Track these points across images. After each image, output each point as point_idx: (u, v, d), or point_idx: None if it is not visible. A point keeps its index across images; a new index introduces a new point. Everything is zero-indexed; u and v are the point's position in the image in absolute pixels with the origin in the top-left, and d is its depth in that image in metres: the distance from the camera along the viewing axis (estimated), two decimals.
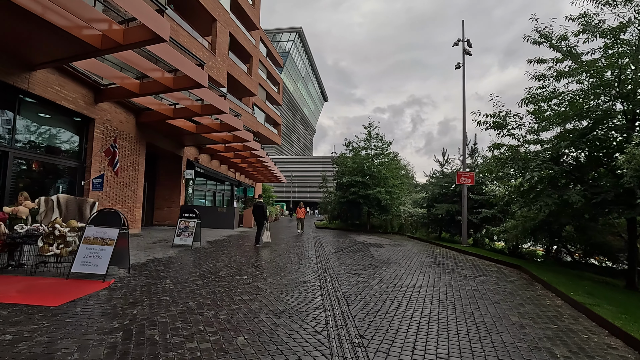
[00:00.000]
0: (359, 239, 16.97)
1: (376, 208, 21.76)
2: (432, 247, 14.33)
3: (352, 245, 13.63)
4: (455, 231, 15.60)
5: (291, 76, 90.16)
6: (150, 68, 9.62)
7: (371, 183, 21.92)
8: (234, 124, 14.63)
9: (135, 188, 13.84)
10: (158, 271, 6.67)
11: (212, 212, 18.78)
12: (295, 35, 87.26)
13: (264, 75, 39.33)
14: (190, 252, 9.45)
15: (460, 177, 13.92)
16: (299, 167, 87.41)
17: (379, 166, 22.57)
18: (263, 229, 11.85)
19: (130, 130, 13.31)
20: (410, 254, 11.38)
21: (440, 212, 15.31)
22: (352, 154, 23.67)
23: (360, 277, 7.10)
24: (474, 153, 16.07)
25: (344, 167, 23.95)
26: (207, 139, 17.21)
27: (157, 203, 18.59)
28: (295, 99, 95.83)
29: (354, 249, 12.34)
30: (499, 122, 8.98)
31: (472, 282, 7.14)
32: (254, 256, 9.41)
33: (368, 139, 23.57)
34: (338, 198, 23.19)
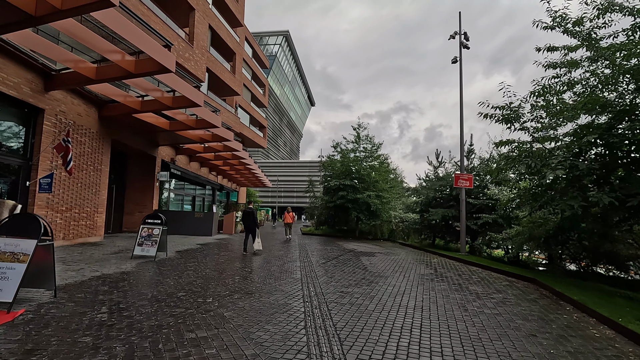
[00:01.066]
0: (348, 246, 15.70)
1: (365, 213, 20.57)
2: (428, 255, 13.17)
3: (341, 254, 12.34)
4: (451, 238, 14.54)
5: (278, 80, 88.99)
6: (109, 49, 8.20)
7: (360, 187, 20.75)
8: (212, 120, 13.24)
9: (97, 190, 12.25)
10: (97, 293, 5.23)
11: (187, 218, 17.23)
12: (283, 39, 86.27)
13: (249, 76, 38.01)
14: (152, 265, 7.99)
15: (458, 180, 12.85)
16: (286, 172, 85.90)
17: (368, 169, 21.45)
18: (255, 236, 11.34)
19: (91, 124, 11.76)
20: (406, 265, 10.16)
21: (435, 218, 14.20)
22: (340, 156, 22.47)
23: (353, 297, 5.81)
24: (470, 155, 15.08)
25: (331, 170, 22.72)
26: (183, 138, 15.73)
27: (128, 207, 16.93)
28: (282, 103, 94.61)
29: (344, 258, 11.05)
30: (509, 115, 7.89)
31: (489, 302, 5.94)
32: (228, 269, 8.02)
33: (357, 141, 22.44)
34: (325, 203, 21.93)
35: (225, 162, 23.48)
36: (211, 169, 25.71)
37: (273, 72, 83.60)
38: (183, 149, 19.53)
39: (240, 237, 17.78)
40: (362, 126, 22.37)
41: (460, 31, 13.46)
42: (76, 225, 11.24)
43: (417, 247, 16.10)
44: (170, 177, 19.20)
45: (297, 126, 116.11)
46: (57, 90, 10.14)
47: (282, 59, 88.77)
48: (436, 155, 16.80)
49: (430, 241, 16.45)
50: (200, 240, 14.78)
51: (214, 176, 26.80)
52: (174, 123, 13.95)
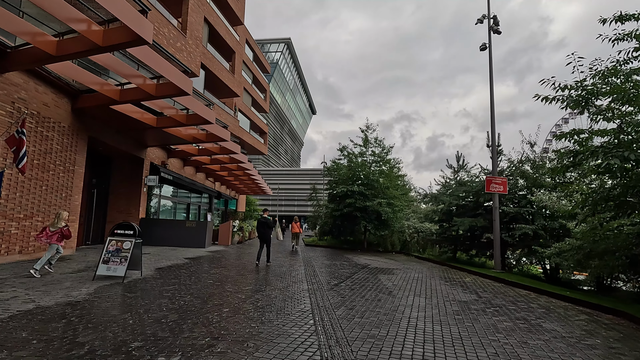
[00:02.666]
0: (359, 260, 13.82)
1: (375, 223, 18.70)
2: (456, 273, 11.29)
3: (354, 271, 10.48)
4: (478, 251, 12.64)
5: (279, 88, 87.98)
6: (74, 17, 6.50)
7: (369, 194, 18.92)
8: (205, 114, 11.50)
9: (68, 195, 10.45)
10: (4, 340, 3.39)
11: (178, 228, 15.38)
12: (284, 47, 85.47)
13: (250, 80, 36.57)
14: (117, 289, 6.14)
15: (491, 184, 11.06)
16: (287, 180, 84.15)
17: (377, 174, 19.64)
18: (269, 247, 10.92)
19: (61, 117, 10.02)
20: (438, 287, 8.29)
21: (460, 228, 12.34)
22: (347, 160, 20.68)
23: (395, 348, 3.96)
24: (499, 156, 13.28)
25: (337, 175, 20.93)
26: (175, 138, 13.97)
27: (111, 215, 15.10)
28: (283, 111, 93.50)
29: (359, 278, 9.17)
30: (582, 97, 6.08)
31: (593, 356, 4.08)
32: (216, 295, 6.16)
33: (365, 144, 20.67)
34: (331, 211, 20.07)
35: (223, 166, 21.72)
36: (208, 175, 23.94)
37: (274, 80, 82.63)
38: (175, 152, 17.80)
39: (237, 248, 15.89)
40: (370, 128, 20.65)
41: (489, 14, 11.81)
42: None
43: (438, 261, 14.20)
44: (161, 182, 17.43)
45: (299, 134, 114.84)
46: (16, 73, 8.44)
47: (284, 66, 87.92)
48: (457, 158, 15.02)
49: (451, 254, 14.58)
50: (190, 253, 12.91)
51: (211, 182, 25.02)
52: (162, 119, 12.23)
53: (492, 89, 11.66)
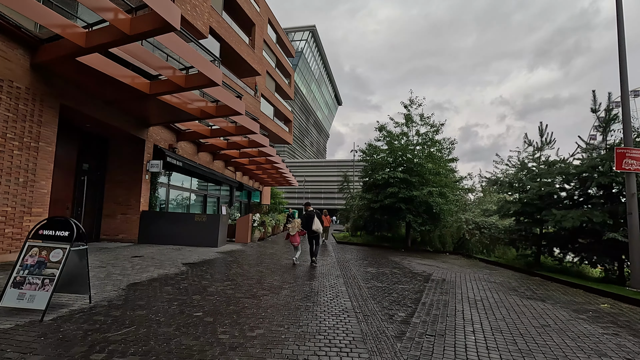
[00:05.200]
0: (411, 265, 10.59)
1: (424, 216, 15.32)
2: (570, 292, 7.88)
3: (417, 287, 7.31)
4: (596, 257, 8.93)
5: (304, 77, 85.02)
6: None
7: (416, 181, 15.54)
8: (212, 74, 8.59)
9: (30, 180, 7.89)
10: None
11: (185, 223, 12.72)
12: (309, 35, 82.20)
13: (273, 63, 33.77)
14: (18, 340, 3.30)
15: (624, 159, 7.51)
16: (313, 172, 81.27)
17: (423, 158, 16.19)
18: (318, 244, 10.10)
19: (12, 75, 7.41)
20: (583, 329, 4.98)
21: (564, 225, 8.75)
22: (386, 141, 17.29)
23: None
24: (610, 124, 9.52)
25: (374, 161, 17.63)
26: (178, 111, 11.24)
27: (108, 208, 12.67)
28: (309, 102, 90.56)
29: (433, 303, 6.01)
30: None
31: None
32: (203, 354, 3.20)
33: (407, 123, 17.19)
34: (368, 203, 16.84)
35: (243, 152, 19.02)
36: (227, 164, 21.35)
37: (299, 69, 79.74)
38: (186, 134, 15.16)
39: (257, 248, 13.05)
40: (414, 102, 17.11)
41: None
42: None
43: (520, 269, 10.71)
44: (168, 169, 14.87)
45: (324, 126, 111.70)
46: None
47: (309, 55, 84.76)
48: (540, 131, 11.33)
49: (533, 259, 11.04)
50: (196, 255, 10.16)
51: (231, 172, 22.43)
52: (157, 84, 9.47)
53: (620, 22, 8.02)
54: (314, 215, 10.20)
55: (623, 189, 8.80)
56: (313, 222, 10.09)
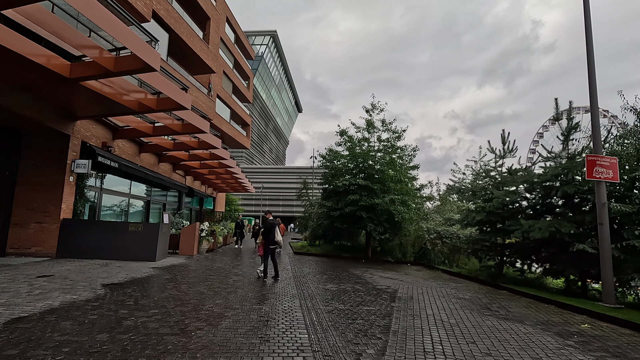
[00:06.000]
0: (374, 279, 9.74)
1: (385, 225, 14.66)
2: (539, 306, 7.38)
3: (384, 310, 6.41)
4: (562, 268, 8.60)
5: (264, 82, 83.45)
6: None
7: (378, 188, 14.89)
8: (176, 96, 7.21)
9: None
10: None
11: (117, 233, 10.94)
12: (270, 40, 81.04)
13: (231, 64, 32.24)
14: None
15: (594, 167, 7.19)
16: (272, 178, 79.30)
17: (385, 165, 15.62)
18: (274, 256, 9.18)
19: None
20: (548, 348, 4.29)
21: (533, 235, 8.34)
22: (348, 146, 16.53)
23: None
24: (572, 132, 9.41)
25: (335, 167, 16.79)
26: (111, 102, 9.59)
27: (18, 215, 10.56)
28: (268, 107, 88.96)
29: (408, 328, 5.11)
30: None
31: None
32: None
33: (369, 128, 16.57)
34: (327, 211, 15.90)
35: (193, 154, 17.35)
36: (175, 167, 19.48)
37: (259, 74, 78.13)
38: (124, 131, 13.34)
39: (203, 261, 11.54)
40: (376, 107, 16.56)
41: None
42: None
43: (486, 282, 10.26)
44: (101, 170, 12.94)
45: (284, 132, 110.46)
46: None
47: (269, 60, 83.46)
48: (502, 139, 11.11)
49: (496, 270, 10.68)
50: (123, 273, 8.53)
51: (179, 176, 20.53)
52: (79, 66, 7.87)
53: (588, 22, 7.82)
54: (276, 225, 9.25)
55: (588, 198, 8.63)
56: (275, 232, 9.12)
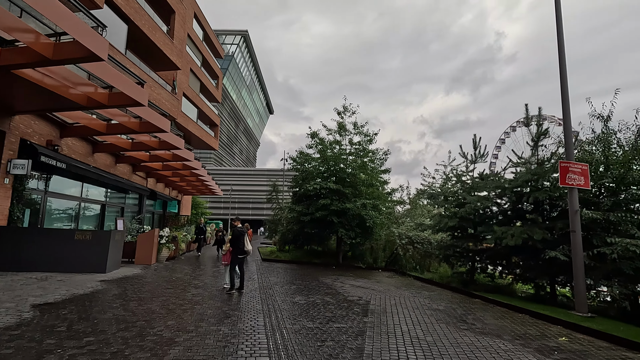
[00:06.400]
0: (345, 289, 9.27)
1: (357, 230, 14.29)
2: (514, 316, 7.18)
3: (358, 328, 5.94)
4: (535, 276, 8.49)
5: (235, 83, 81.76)
6: None
7: (349, 192, 14.51)
8: (131, 91, 6.37)
9: None
10: None
11: (62, 242, 9.80)
12: (241, 39, 79.53)
13: (199, 62, 31.01)
14: None
15: (567, 173, 7.11)
16: (241, 180, 77.51)
17: (357, 169, 15.29)
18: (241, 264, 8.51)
19: None
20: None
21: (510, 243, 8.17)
22: (319, 148, 16.06)
23: None
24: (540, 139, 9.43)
25: (306, 170, 16.27)
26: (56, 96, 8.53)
27: None
28: (239, 108, 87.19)
29: (383, 350, 4.65)
30: None
31: None
32: None
33: (340, 131, 16.20)
34: (298, 215, 15.31)
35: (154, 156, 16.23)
36: (135, 168, 18.18)
37: (229, 73, 76.47)
38: (75, 128, 12.13)
39: (162, 272, 10.59)
40: (348, 110, 16.22)
41: None
42: None
43: (456, 288, 10.07)
44: (46, 171, 11.68)
45: (255, 134, 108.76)
46: None
47: (240, 60, 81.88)
48: (474, 143, 11.04)
49: (468, 276, 10.55)
50: (63, 288, 7.53)
51: (140, 178, 19.20)
52: (11, 52, 6.86)
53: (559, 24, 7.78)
54: (245, 233, 8.59)
55: (559, 204, 8.62)
56: (244, 240, 8.48)
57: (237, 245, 8.45)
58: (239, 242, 8.45)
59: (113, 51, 14.17)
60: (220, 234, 17.97)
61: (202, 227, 18.33)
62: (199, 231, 18.17)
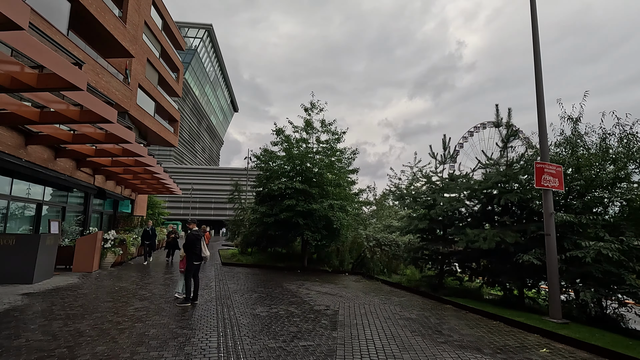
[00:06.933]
0: (311, 296, 8.58)
1: (324, 232, 13.66)
2: (489, 325, 6.82)
3: (326, 343, 5.27)
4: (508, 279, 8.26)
5: (198, 78, 78.72)
6: None
7: (316, 193, 13.85)
8: (66, 73, 5.26)
9: None
10: None
11: None
12: (205, 34, 76.69)
13: (157, 52, 29.06)
14: None
15: (543, 175, 6.88)
16: (204, 179, 74.55)
17: (323, 168, 14.67)
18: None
19: None
20: None
21: (478, 245, 7.89)
22: (285, 146, 15.26)
23: None
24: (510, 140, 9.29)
25: (270, 168, 15.41)
26: None
27: None
28: (202, 104, 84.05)
29: None
30: None
31: None
32: None
33: (307, 129, 15.50)
34: (261, 217, 14.40)
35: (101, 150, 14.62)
36: (80, 164, 16.35)
37: (192, 68, 73.53)
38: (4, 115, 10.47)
39: (104, 280, 9.32)
40: (316, 106, 15.56)
41: None
42: None
43: (426, 293, 9.70)
44: None
45: (218, 132, 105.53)
46: None
47: (204, 55, 79.01)
48: (444, 144, 10.78)
49: (437, 280, 10.25)
50: None
51: (86, 175, 17.34)
52: None
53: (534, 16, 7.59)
54: (202, 236, 7.68)
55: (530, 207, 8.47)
56: (201, 245, 7.55)
57: (193, 250, 7.51)
58: (195, 247, 7.51)
59: (51, 30, 12.58)
60: (173, 236, 15.47)
61: (148, 230, 15.44)
62: (146, 236, 15.30)
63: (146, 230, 15.36)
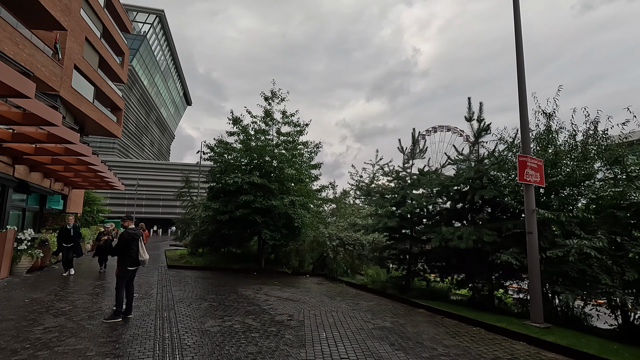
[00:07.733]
0: (270, 304, 7.53)
1: (284, 231, 12.60)
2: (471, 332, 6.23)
3: None
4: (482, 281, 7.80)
5: (147, 66, 73.51)
6: None
7: (276, 188, 12.75)
8: None
9: None
10: None
11: None
12: (156, 19, 71.76)
13: (98, 32, 26.11)
14: None
15: (525, 169, 6.43)
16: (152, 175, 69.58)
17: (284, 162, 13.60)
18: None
19: None
20: None
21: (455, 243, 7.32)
22: (242, 137, 13.95)
23: None
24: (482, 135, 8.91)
25: (225, 161, 14.01)
26: None
27: None
28: (151, 95, 78.70)
29: None
30: None
31: None
32: None
33: (266, 120, 14.31)
34: (214, 214, 12.98)
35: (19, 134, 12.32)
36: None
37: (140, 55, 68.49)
38: None
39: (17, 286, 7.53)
40: (277, 95, 14.42)
41: None
42: None
43: (394, 295, 9.05)
44: None
45: (169, 125, 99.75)
46: None
47: (154, 42, 73.97)
48: (413, 138, 10.22)
49: (403, 281, 9.67)
50: None
51: (2, 164, 14.71)
52: None
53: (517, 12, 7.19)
54: (140, 237, 6.32)
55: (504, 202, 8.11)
56: (139, 247, 6.25)
57: (128, 253, 6.13)
58: (130, 250, 6.13)
59: None
60: (106, 238, 11.74)
61: (69, 229, 11.25)
62: (66, 236, 11.05)
63: (65, 228, 11.26)
